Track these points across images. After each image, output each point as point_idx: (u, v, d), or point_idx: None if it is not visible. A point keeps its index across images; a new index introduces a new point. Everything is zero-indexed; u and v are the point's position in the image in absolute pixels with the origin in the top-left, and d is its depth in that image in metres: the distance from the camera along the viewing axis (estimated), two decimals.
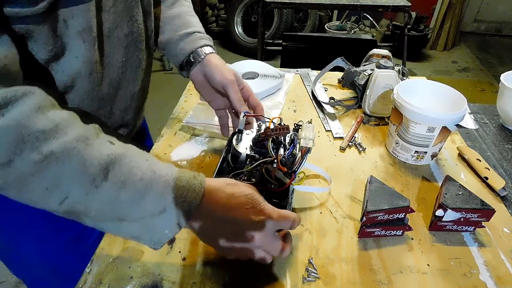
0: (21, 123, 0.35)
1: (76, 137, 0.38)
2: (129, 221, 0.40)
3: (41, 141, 0.36)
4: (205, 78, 0.66)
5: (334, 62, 0.95)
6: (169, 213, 0.40)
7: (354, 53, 1.19)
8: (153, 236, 0.41)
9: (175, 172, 0.42)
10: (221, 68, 0.64)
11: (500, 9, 3.83)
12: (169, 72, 3.09)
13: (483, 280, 0.51)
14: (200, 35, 0.68)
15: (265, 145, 0.57)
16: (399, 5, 1.77)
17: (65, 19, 0.44)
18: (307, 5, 1.80)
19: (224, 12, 3.81)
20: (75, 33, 0.46)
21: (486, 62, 3.43)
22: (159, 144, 0.78)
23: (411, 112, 0.66)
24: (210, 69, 0.64)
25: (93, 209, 0.39)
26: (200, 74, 0.66)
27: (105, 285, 0.50)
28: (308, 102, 0.95)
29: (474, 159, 0.72)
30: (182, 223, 0.41)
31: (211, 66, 0.64)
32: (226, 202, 0.43)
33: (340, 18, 3.58)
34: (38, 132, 0.36)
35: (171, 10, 0.69)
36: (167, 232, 0.41)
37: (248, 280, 0.51)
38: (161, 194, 0.40)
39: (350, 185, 0.68)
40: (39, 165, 0.36)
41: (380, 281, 0.51)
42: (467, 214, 0.55)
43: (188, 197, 0.41)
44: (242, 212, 0.43)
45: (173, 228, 0.41)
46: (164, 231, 0.41)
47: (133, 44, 0.58)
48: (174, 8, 0.70)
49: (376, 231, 0.56)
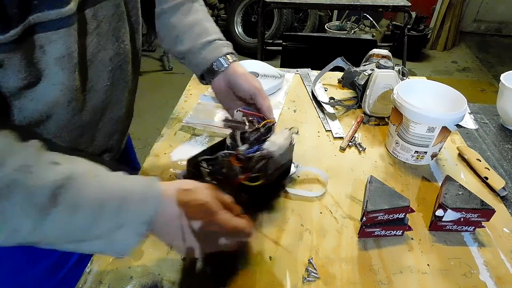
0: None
1: (15, 167, 0.35)
2: (88, 241, 0.39)
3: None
4: (228, 86, 0.65)
5: (334, 62, 0.95)
6: (127, 227, 0.39)
7: (354, 53, 1.18)
8: (115, 248, 0.41)
9: (127, 185, 0.41)
10: (247, 77, 0.63)
11: (500, 9, 3.83)
12: (169, 72, 3.09)
13: (483, 280, 0.51)
14: (222, 43, 0.67)
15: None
16: (399, 5, 1.77)
17: (42, 45, 0.40)
18: (307, 5, 1.81)
19: (224, 12, 3.81)
20: (53, 60, 0.41)
21: (486, 62, 3.43)
22: (159, 144, 0.78)
23: (411, 112, 0.66)
24: (235, 78, 0.63)
25: (48, 237, 0.38)
26: (223, 82, 0.65)
27: (105, 285, 0.50)
28: (308, 102, 0.95)
29: (474, 159, 0.72)
30: (143, 232, 0.40)
31: (236, 75, 0.63)
32: (181, 210, 0.43)
33: (340, 18, 3.58)
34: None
35: (187, 18, 0.66)
36: (129, 243, 0.40)
37: (248, 280, 0.51)
38: (116, 210, 0.39)
39: (350, 185, 0.68)
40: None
41: (380, 281, 0.51)
42: (467, 214, 0.55)
43: (144, 208, 0.40)
44: (196, 222, 0.43)
45: (134, 239, 0.40)
46: (125, 242, 0.40)
47: (119, 66, 0.54)
48: (190, 16, 0.67)
49: (376, 231, 0.56)
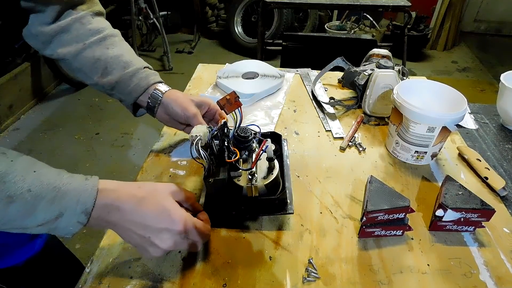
0: None
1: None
2: (32, 228, 0.41)
3: None
4: (167, 114, 0.69)
5: (334, 62, 0.95)
6: (66, 216, 0.41)
7: (354, 53, 1.18)
8: (59, 234, 0.43)
9: (64, 178, 0.42)
10: (181, 103, 0.67)
11: (500, 9, 3.83)
12: (169, 72, 3.09)
13: (483, 280, 0.51)
14: (151, 71, 0.70)
15: None
16: (399, 5, 1.77)
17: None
18: (307, 5, 1.80)
19: (224, 12, 3.81)
20: None
21: (486, 62, 3.43)
22: (159, 144, 0.78)
23: (411, 112, 0.66)
24: (171, 107, 0.67)
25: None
26: (164, 113, 0.69)
27: (105, 285, 0.50)
28: (308, 102, 0.95)
29: (474, 159, 0.72)
30: (83, 220, 0.43)
31: (170, 104, 0.67)
32: (135, 203, 0.45)
33: (340, 18, 3.57)
34: None
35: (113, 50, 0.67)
36: (72, 229, 0.43)
37: (248, 280, 0.51)
38: (52, 200, 0.40)
39: (350, 185, 0.68)
40: None
41: (380, 281, 0.51)
42: (467, 214, 0.55)
43: (81, 198, 0.42)
44: (152, 218, 0.45)
45: (77, 226, 0.43)
46: (68, 229, 0.43)
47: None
48: (115, 48, 0.68)
49: (376, 231, 0.56)
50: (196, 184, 0.68)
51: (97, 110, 2.57)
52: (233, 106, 0.56)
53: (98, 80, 0.67)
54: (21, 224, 0.40)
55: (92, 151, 2.17)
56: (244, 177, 0.57)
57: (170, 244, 0.46)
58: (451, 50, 3.69)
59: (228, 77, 0.99)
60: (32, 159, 0.43)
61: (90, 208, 0.42)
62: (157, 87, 0.68)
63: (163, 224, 0.45)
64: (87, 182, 0.44)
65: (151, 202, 0.46)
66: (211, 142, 0.56)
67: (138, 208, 0.45)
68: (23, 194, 0.39)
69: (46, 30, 0.62)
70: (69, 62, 0.66)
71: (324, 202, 0.64)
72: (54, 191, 0.41)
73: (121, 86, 0.67)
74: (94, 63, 0.65)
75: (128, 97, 0.68)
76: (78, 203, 0.42)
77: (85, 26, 0.65)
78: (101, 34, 0.66)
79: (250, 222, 0.60)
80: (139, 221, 0.45)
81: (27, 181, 0.40)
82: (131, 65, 0.67)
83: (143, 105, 0.70)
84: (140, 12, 3.02)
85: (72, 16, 0.64)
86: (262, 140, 0.58)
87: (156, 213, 0.45)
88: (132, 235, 0.45)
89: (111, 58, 0.66)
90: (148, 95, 0.68)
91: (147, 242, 0.45)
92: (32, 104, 2.56)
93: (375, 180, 0.61)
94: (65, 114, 2.52)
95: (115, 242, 0.56)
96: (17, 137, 2.27)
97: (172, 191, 0.49)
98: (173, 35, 3.82)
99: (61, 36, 0.63)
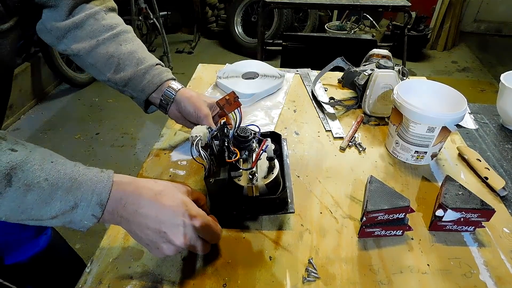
0: None
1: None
2: (47, 220, 0.41)
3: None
4: (179, 112, 0.69)
5: (334, 62, 0.95)
6: (81, 208, 0.42)
7: (354, 53, 1.18)
8: (74, 227, 0.43)
9: (80, 169, 0.43)
10: (194, 103, 0.67)
11: (500, 9, 3.83)
12: None
13: (483, 280, 0.51)
14: (163, 68, 0.70)
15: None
16: (399, 5, 1.77)
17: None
18: (307, 5, 1.80)
19: (224, 12, 3.81)
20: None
21: (486, 62, 3.43)
22: (159, 144, 0.78)
23: (411, 112, 0.66)
24: (183, 106, 0.67)
25: (3, 214, 0.40)
26: (176, 111, 0.70)
27: (105, 285, 0.50)
28: (308, 102, 0.95)
29: (474, 159, 0.72)
30: (98, 213, 0.43)
31: (183, 102, 0.67)
32: (152, 197, 0.44)
33: (340, 18, 3.57)
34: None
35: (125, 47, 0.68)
36: (87, 223, 0.43)
37: (248, 280, 0.51)
38: (68, 190, 0.41)
39: (350, 185, 0.68)
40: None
41: (380, 281, 0.51)
42: (467, 214, 0.55)
43: (97, 189, 0.42)
44: (170, 212, 0.44)
45: (91, 220, 0.43)
46: (83, 222, 0.43)
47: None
48: (128, 44, 0.68)
49: (376, 231, 0.56)
50: (196, 184, 0.68)
51: (97, 110, 2.57)
52: (233, 106, 0.57)
53: (110, 76, 0.66)
54: (38, 213, 0.41)
55: (92, 151, 2.17)
56: (244, 177, 0.57)
57: (185, 241, 0.44)
58: (451, 50, 3.69)
59: (228, 77, 0.99)
60: (49, 151, 0.44)
61: (105, 200, 0.42)
62: (170, 84, 0.68)
63: (179, 218, 0.44)
64: (103, 174, 0.44)
65: (169, 196, 0.45)
66: (211, 142, 0.56)
67: (155, 202, 0.44)
68: (40, 183, 0.40)
69: (60, 25, 0.61)
70: (82, 58, 0.65)
71: (324, 202, 0.64)
72: (70, 181, 0.41)
73: (134, 83, 0.67)
74: (108, 59, 0.65)
75: (140, 94, 0.68)
76: (93, 193, 0.42)
77: (98, 22, 0.64)
78: (114, 30, 0.66)
79: (250, 222, 0.60)
80: (156, 215, 0.44)
81: (44, 170, 0.40)
82: (144, 62, 0.67)
83: (155, 101, 0.69)
84: (140, 12, 3.02)
85: (85, 12, 0.63)
86: (262, 140, 0.58)
87: (174, 207, 0.44)
88: (146, 231, 0.44)
89: (124, 54, 0.66)
90: (161, 92, 0.68)
91: (161, 239, 0.44)
92: (32, 104, 2.56)
93: (375, 180, 0.61)
94: (65, 114, 2.52)
95: (115, 242, 0.56)
96: (17, 137, 2.20)
97: (187, 189, 0.49)
98: (173, 35, 3.82)
99: (75, 31, 0.63)
